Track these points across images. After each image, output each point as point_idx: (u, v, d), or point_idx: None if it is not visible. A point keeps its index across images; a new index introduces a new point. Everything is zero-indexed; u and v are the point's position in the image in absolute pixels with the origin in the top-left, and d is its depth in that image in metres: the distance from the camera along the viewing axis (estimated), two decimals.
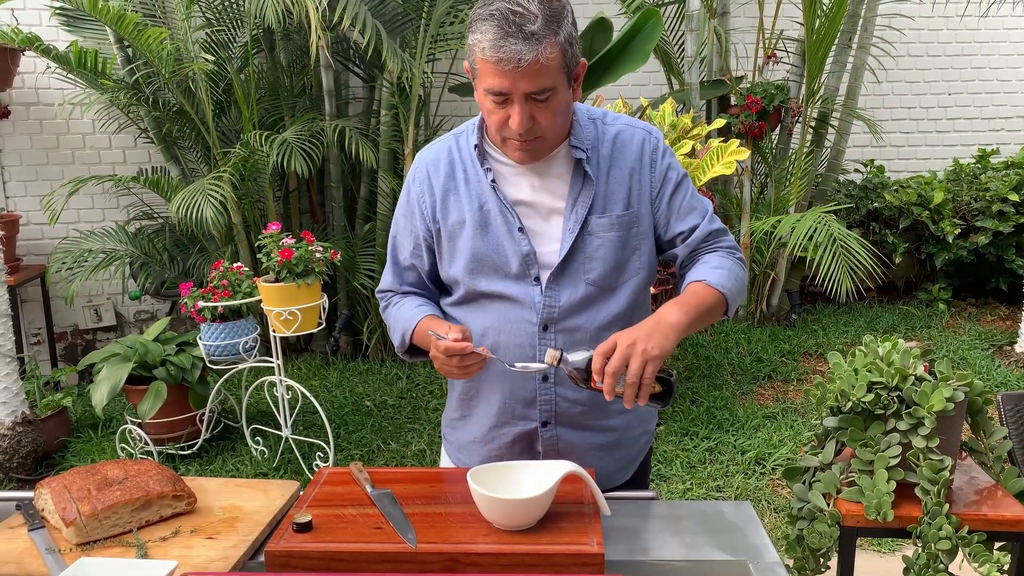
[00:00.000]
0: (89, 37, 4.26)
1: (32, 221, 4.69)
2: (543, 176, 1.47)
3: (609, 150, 1.49)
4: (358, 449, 3.59)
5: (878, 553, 2.81)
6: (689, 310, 1.39)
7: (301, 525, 1.28)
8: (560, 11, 1.33)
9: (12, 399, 3.41)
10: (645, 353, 1.28)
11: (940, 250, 5.13)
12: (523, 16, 1.29)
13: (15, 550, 1.29)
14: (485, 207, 1.48)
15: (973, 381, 1.47)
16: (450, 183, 1.51)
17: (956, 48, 5.52)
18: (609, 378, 1.28)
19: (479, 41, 1.31)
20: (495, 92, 1.34)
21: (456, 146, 1.53)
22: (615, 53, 4.04)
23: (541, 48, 1.29)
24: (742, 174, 4.83)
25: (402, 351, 1.58)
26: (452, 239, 1.51)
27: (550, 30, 1.31)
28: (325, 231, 4.74)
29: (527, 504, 1.25)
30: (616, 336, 1.31)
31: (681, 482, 3.24)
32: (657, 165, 1.50)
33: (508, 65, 1.29)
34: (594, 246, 1.47)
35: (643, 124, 1.54)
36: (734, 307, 1.49)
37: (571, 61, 1.36)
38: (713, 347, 4.58)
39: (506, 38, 1.29)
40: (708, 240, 1.53)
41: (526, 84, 1.31)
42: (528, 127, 1.36)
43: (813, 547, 1.46)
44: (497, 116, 1.37)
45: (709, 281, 1.45)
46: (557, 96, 1.36)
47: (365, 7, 3.89)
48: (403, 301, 1.59)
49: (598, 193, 1.47)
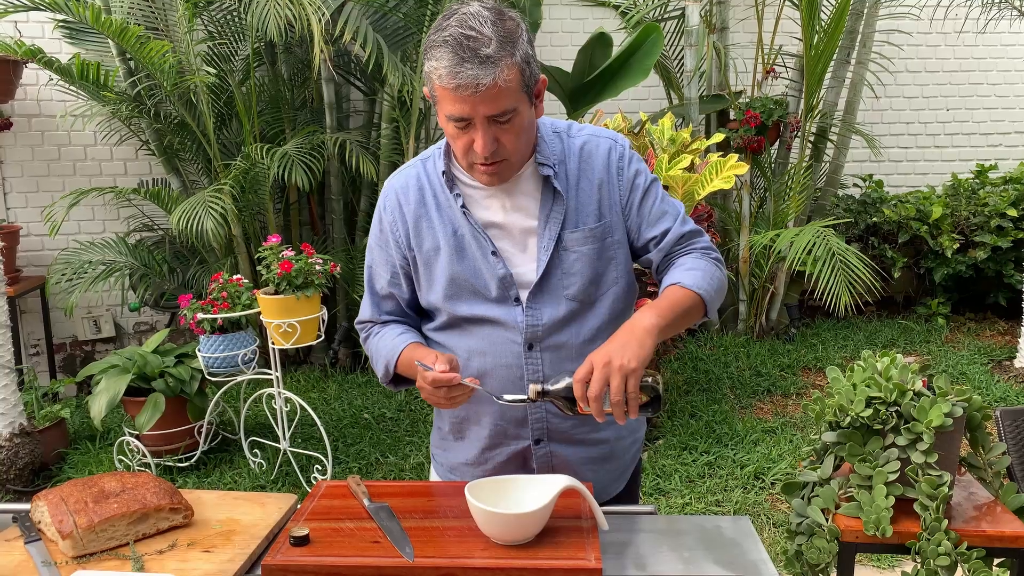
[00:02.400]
0: (91, 49, 4.29)
1: (32, 232, 4.70)
2: (513, 195, 1.46)
3: (576, 163, 1.48)
4: (356, 462, 3.58)
5: (877, 569, 2.80)
6: (662, 312, 1.37)
7: (298, 539, 1.28)
8: (514, 31, 1.32)
9: (10, 410, 3.40)
10: (623, 368, 1.26)
11: (939, 265, 5.14)
12: (477, 40, 1.28)
13: (11, 563, 1.28)
14: (459, 232, 1.47)
15: (972, 396, 1.47)
16: (421, 209, 1.49)
17: (954, 64, 5.55)
18: (594, 403, 1.27)
19: (435, 68, 1.30)
20: (456, 118, 1.33)
21: (424, 171, 1.52)
22: (615, 68, 4.06)
23: (498, 71, 1.28)
24: (741, 188, 4.85)
25: (386, 381, 1.56)
26: (428, 266, 1.50)
27: (505, 51, 1.29)
28: (325, 243, 4.75)
29: (525, 519, 1.25)
30: (590, 358, 1.29)
31: (680, 496, 3.23)
32: (624, 173, 1.49)
33: (467, 91, 1.28)
34: (570, 261, 1.46)
35: (608, 132, 1.53)
36: (713, 307, 1.47)
37: (530, 80, 1.35)
38: (712, 361, 4.58)
39: (462, 64, 1.27)
40: (681, 242, 1.51)
41: (486, 108, 1.30)
42: (493, 149, 1.35)
43: (812, 562, 1.46)
44: (461, 141, 1.36)
45: (683, 283, 1.43)
46: (519, 116, 1.35)
47: (367, 21, 3.92)
48: (384, 331, 1.57)
49: (569, 208, 1.46)
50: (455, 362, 1.38)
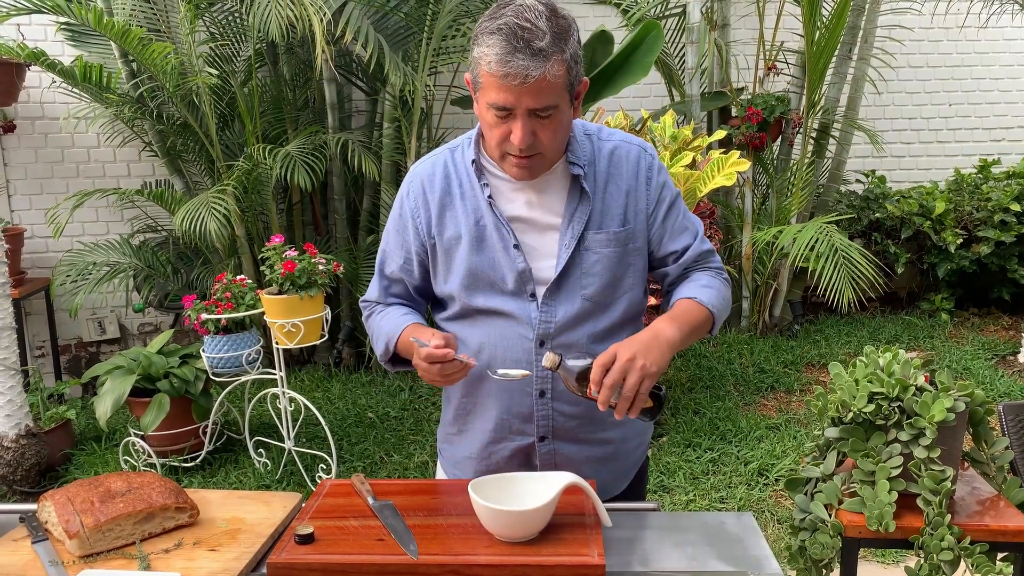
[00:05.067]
0: (94, 52, 4.30)
1: (37, 234, 4.72)
2: (540, 192, 1.47)
3: (606, 166, 1.49)
4: (360, 461, 3.59)
5: (881, 564, 2.80)
6: (683, 327, 1.42)
7: (303, 537, 1.28)
8: (567, 28, 1.34)
9: (16, 412, 3.42)
10: (644, 369, 1.30)
11: (942, 260, 5.13)
12: (531, 32, 1.29)
13: (19, 562, 1.29)
14: (481, 222, 1.48)
15: (974, 391, 1.47)
16: (446, 198, 1.51)
17: (956, 59, 5.54)
18: (606, 390, 1.29)
19: (485, 54, 1.31)
20: (499, 107, 1.33)
21: (452, 160, 1.53)
22: (616, 66, 4.06)
23: (548, 65, 1.29)
24: (743, 185, 4.84)
25: (385, 360, 1.58)
26: (448, 254, 1.51)
27: (557, 47, 1.31)
28: (328, 243, 4.76)
29: (528, 516, 1.25)
30: (616, 348, 1.32)
31: (684, 493, 3.23)
32: (653, 182, 1.51)
33: (514, 80, 1.29)
34: (591, 261, 1.47)
35: (638, 140, 1.55)
36: (719, 325, 1.53)
37: (575, 79, 1.37)
38: (716, 358, 4.58)
39: (513, 53, 1.28)
40: (698, 260, 1.56)
41: (530, 100, 1.31)
42: (529, 143, 1.36)
43: (815, 558, 1.46)
44: (499, 131, 1.37)
45: (701, 299, 1.48)
46: (559, 113, 1.36)
47: (368, 21, 3.92)
48: (387, 310, 1.59)
49: (595, 209, 1.47)
50: (452, 340, 1.40)
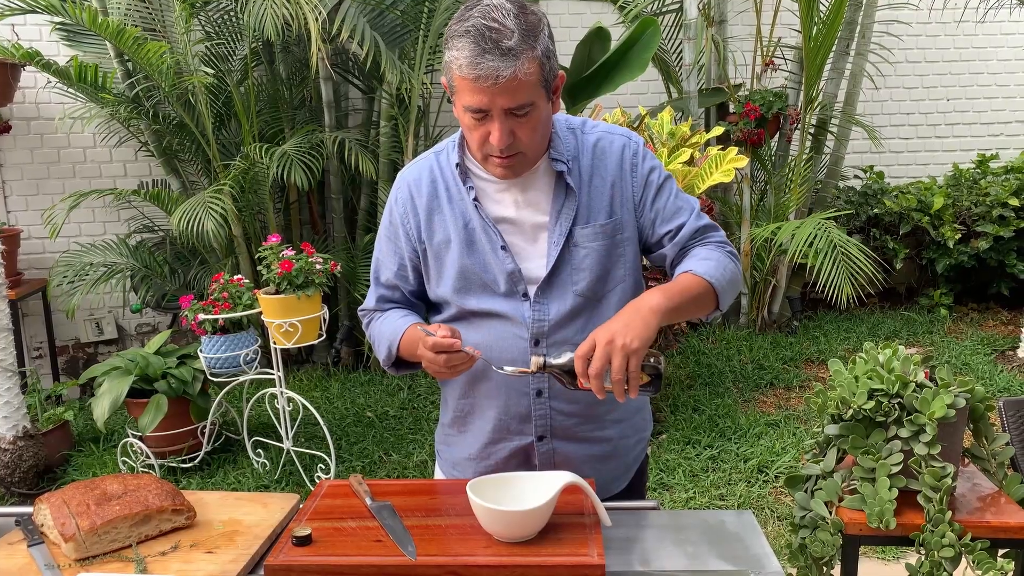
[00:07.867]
0: (89, 52, 4.28)
1: (33, 235, 4.70)
2: (526, 190, 1.47)
3: (590, 160, 1.48)
4: (359, 460, 3.58)
5: (881, 561, 2.80)
6: (671, 295, 1.36)
7: (300, 538, 1.28)
8: (536, 24, 1.33)
9: (13, 413, 3.41)
10: (625, 348, 1.26)
11: (941, 255, 5.13)
12: (499, 32, 1.28)
13: (14, 566, 1.29)
14: (470, 225, 1.47)
15: (974, 387, 1.46)
16: (434, 202, 1.50)
17: (954, 53, 5.53)
18: (595, 380, 1.27)
19: (456, 58, 1.30)
20: (474, 109, 1.33)
21: (437, 164, 1.52)
22: (613, 62, 4.05)
23: (519, 64, 1.29)
24: (741, 181, 4.84)
25: (388, 364, 1.57)
26: (438, 258, 1.50)
27: (527, 45, 1.30)
28: (325, 242, 4.75)
29: (527, 515, 1.24)
30: (594, 334, 1.29)
31: (684, 491, 3.23)
32: (638, 169, 1.49)
33: (486, 82, 1.29)
34: (580, 257, 1.46)
35: (622, 130, 1.53)
36: (725, 299, 1.46)
37: (549, 75, 1.36)
38: (715, 355, 4.57)
39: (483, 55, 1.28)
40: (696, 236, 1.51)
41: (505, 100, 1.31)
42: (509, 143, 1.35)
43: (816, 556, 1.45)
44: (477, 133, 1.36)
45: (695, 270, 1.43)
46: (536, 111, 1.35)
47: (364, 19, 3.91)
48: (386, 315, 1.58)
49: (581, 204, 1.46)
50: (457, 332, 1.39)
